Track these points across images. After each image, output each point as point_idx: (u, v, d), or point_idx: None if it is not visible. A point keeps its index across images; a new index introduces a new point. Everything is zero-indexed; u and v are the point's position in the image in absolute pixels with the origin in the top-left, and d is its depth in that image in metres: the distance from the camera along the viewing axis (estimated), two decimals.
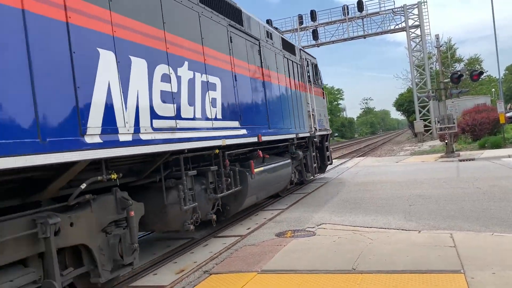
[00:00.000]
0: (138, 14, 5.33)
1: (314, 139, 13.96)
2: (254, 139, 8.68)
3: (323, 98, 16.17)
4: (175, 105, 5.95)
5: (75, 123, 4.07)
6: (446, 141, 19.46)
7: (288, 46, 12.35)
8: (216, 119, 7.21)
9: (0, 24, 3.42)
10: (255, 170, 8.67)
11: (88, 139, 4.18)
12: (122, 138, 4.69)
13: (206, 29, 7.22)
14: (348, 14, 38.88)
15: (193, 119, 6.46)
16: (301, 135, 12.20)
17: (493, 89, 58.35)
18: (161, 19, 5.86)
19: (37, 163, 3.54)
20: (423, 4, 37.78)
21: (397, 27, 38.78)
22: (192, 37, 6.78)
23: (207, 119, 6.91)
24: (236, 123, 8.05)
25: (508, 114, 33.64)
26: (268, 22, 17.82)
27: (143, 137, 5.07)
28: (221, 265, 6.00)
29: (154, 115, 5.40)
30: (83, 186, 4.44)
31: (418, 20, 37.90)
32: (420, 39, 38.17)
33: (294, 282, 5.00)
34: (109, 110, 4.57)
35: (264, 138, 9.19)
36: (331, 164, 16.49)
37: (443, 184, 11.45)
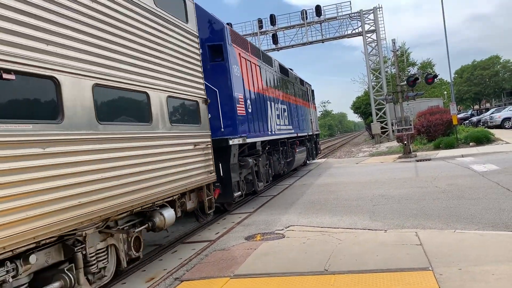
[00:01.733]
0: (276, 86, 14.72)
1: (313, 136, 23.00)
2: (295, 135, 17.20)
3: (315, 110, 25.56)
4: (279, 119, 14.48)
5: (267, 127, 12.81)
6: (405, 142, 20.09)
7: (301, 81, 20.95)
8: (286, 125, 15.77)
9: (259, 103, 12.62)
10: (296, 150, 17.13)
11: (269, 133, 12.90)
12: (271, 131, 13.13)
13: (282, 83, 16.15)
14: (306, 19, 39.44)
15: (282, 125, 15.00)
16: (309, 134, 20.97)
17: (445, 92, 60.88)
18: (274, 84, 14.70)
19: (263, 140, 12.62)
20: (378, 9, 38.92)
21: (354, 31, 39.74)
22: (279, 88, 15.42)
23: (284, 125, 15.46)
24: (290, 127, 16.49)
25: (459, 116, 35.19)
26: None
27: (276, 132, 13.79)
28: (192, 272, 5.91)
29: (277, 123, 14.05)
30: (264, 148, 12.98)
31: (374, 25, 38.96)
32: (376, 43, 39.26)
33: (268, 285, 5.00)
34: (271, 122, 13.22)
35: (299, 135, 17.97)
36: (320, 153, 27.20)
37: (404, 184, 11.81)
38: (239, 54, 11.03)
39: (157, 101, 6.46)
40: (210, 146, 8.27)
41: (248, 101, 11.28)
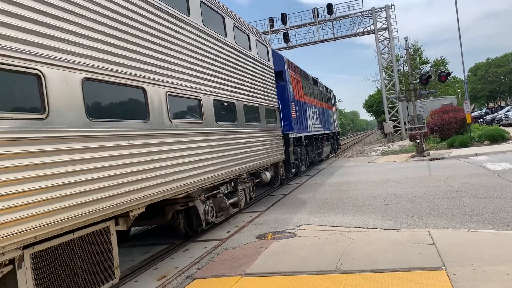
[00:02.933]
0: (310, 94, 19.67)
1: (335, 134, 28.36)
2: (323, 132, 21.74)
3: (336, 111, 30.63)
4: (314, 120, 19.69)
5: (306, 126, 17.69)
6: (418, 140, 19.89)
7: (326, 88, 25.66)
8: (317, 124, 20.40)
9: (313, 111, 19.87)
10: (324, 144, 22.19)
11: (308, 130, 17.85)
12: (309, 128, 18.05)
13: (314, 92, 20.91)
14: (318, 17, 39.25)
15: (316, 124, 19.99)
16: (332, 132, 26.02)
17: (459, 90, 60.13)
18: (309, 93, 19.46)
19: (305, 135, 17.44)
20: (390, 7, 38.56)
21: (366, 29, 39.45)
22: (312, 95, 20.18)
23: (317, 124, 20.17)
24: (320, 126, 20.95)
25: (473, 114, 34.72)
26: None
27: (312, 130, 18.80)
28: (204, 270, 5.92)
29: (310, 121, 18.58)
30: (304, 141, 17.66)
31: (386, 23, 38.60)
32: (388, 41, 38.91)
33: (279, 284, 4.99)
34: (308, 122, 18.16)
35: (326, 132, 22.61)
36: (340, 147, 32.95)
37: (417, 183, 11.70)
38: (291, 75, 15.98)
39: (262, 110, 11.46)
40: (282, 137, 13.21)
41: (296, 107, 16.09)
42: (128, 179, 5.19)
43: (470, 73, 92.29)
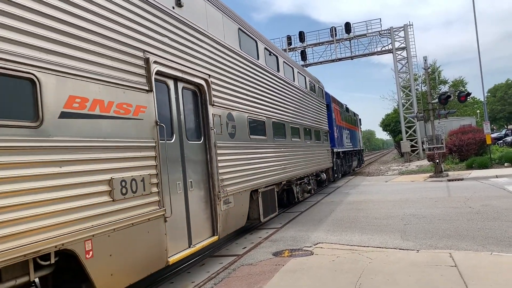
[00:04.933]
0: (344, 119, 25.31)
1: (360, 151, 32.99)
2: (352, 149, 27.51)
3: (361, 132, 35.24)
4: (346, 139, 25.22)
5: (342, 143, 23.55)
6: (437, 161, 19.63)
7: (354, 114, 31.06)
8: (349, 143, 26.17)
9: (341, 132, 24.81)
10: (353, 159, 28.64)
11: (343, 147, 23.81)
12: (344, 146, 24.07)
13: (346, 117, 26.47)
14: (336, 36, 39.42)
15: (348, 143, 25.83)
16: (358, 149, 30.90)
17: (478, 111, 59.41)
18: (343, 118, 24.87)
19: (341, 150, 23.56)
20: (409, 27, 38.55)
21: (383, 48, 39.45)
22: (345, 120, 25.76)
23: (348, 142, 26.01)
24: (350, 144, 26.85)
25: (493, 135, 34.18)
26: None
27: (345, 146, 24.77)
28: (220, 286, 5.87)
29: (345, 141, 24.61)
30: (341, 155, 23.62)
31: (404, 43, 38.57)
32: (406, 60, 38.80)
33: None
34: (343, 141, 24.02)
35: (354, 149, 28.46)
36: (363, 162, 37.44)
37: (436, 204, 11.50)
38: (334, 106, 21.76)
39: (321, 132, 17.12)
40: (330, 151, 18.70)
41: (337, 130, 21.80)
42: (281, 166, 10.89)
43: (489, 94, 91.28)
